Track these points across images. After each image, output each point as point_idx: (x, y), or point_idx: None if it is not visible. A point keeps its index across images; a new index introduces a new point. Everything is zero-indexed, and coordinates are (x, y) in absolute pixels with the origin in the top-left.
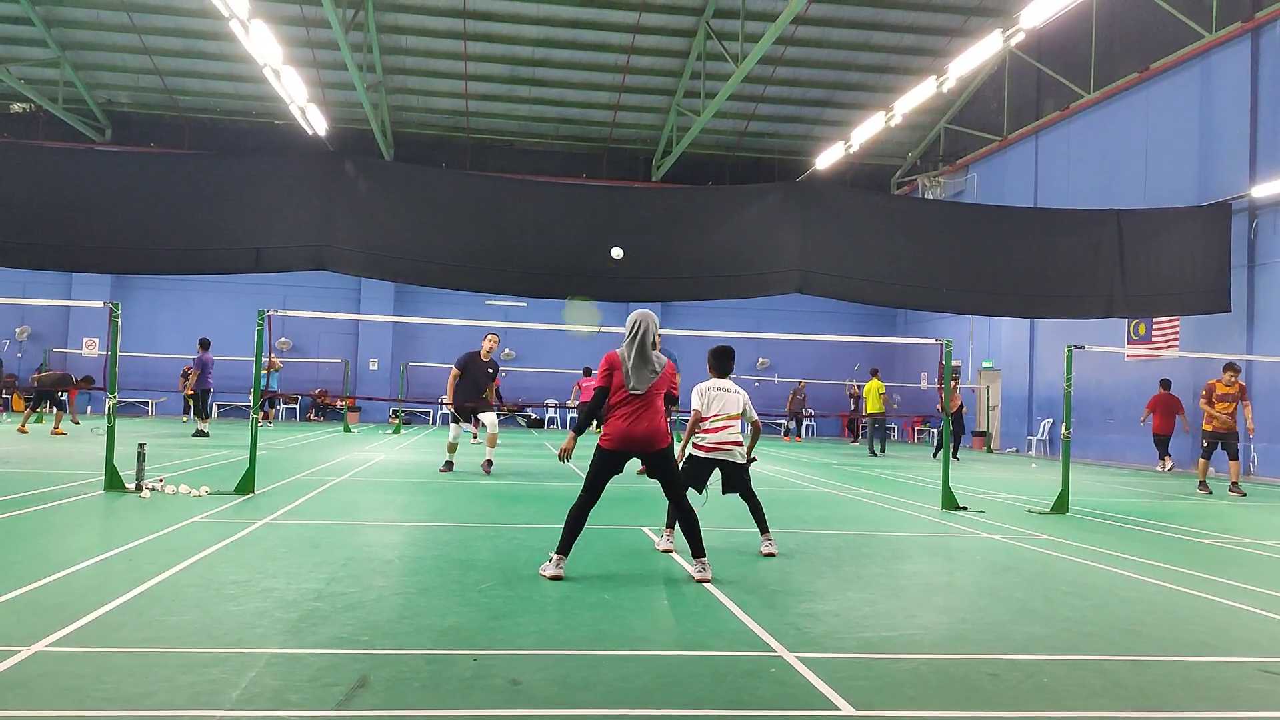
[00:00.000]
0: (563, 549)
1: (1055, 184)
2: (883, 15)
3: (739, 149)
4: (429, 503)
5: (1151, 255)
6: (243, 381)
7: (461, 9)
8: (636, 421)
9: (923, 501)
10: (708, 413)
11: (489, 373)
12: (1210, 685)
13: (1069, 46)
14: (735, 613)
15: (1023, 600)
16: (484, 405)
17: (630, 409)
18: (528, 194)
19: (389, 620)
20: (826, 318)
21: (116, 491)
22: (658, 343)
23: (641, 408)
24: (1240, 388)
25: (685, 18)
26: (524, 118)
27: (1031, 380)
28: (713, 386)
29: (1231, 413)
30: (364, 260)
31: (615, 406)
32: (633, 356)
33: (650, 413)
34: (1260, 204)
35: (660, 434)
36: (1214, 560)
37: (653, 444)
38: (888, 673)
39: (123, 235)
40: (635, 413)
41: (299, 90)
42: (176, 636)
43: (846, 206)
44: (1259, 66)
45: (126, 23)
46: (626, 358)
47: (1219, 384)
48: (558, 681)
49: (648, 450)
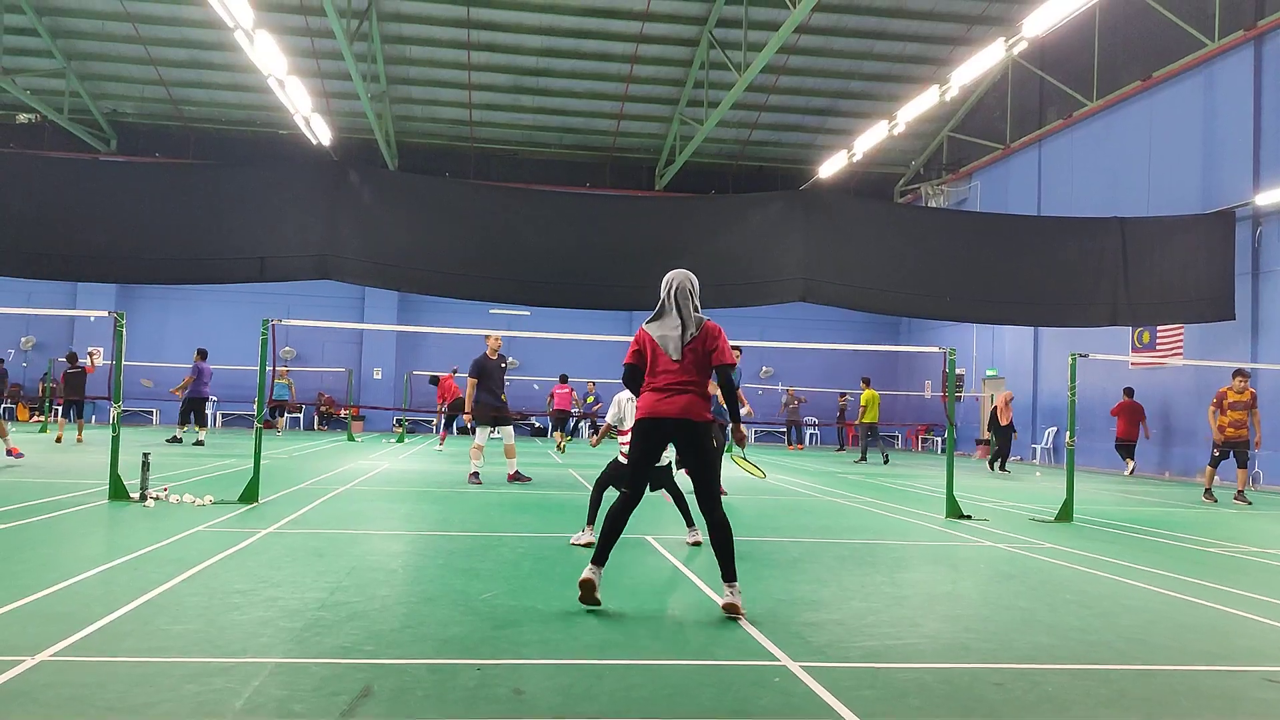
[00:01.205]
0: (598, 559)
1: (1058, 192)
2: (886, 24)
3: (742, 158)
4: (432, 512)
5: (1155, 263)
6: (248, 391)
7: (465, 19)
8: (666, 395)
9: (927, 510)
10: (629, 424)
11: (502, 369)
12: (1216, 694)
13: (1072, 55)
14: (740, 622)
15: (1027, 609)
16: (504, 416)
17: (662, 379)
18: (531, 203)
19: (393, 629)
20: (830, 326)
21: (121, 501)
22: (694, 300)
23: (675, 378)
24: (1251, 395)
25: (688, 27)
26: (527, 127)
27: (1035, 388)
28: (632, 398)
29: (1242, 422)
30: (368, 269)
31: (650, 379)
32: (661, 317)
33: (685, 384)
34: (1264, 212)
35: (695, 409)
36: (1220, 569)
37: (684, 420)
38: (892, 682)
39: (127, 245)
40: (667, 384)
41: (303, 100)
42: (181, 646)
43: (849, 215)
44: (1262, 74)
45: (132, 34)
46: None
47: (1230, 391)
48: (561, 691)
49: (680, 429)
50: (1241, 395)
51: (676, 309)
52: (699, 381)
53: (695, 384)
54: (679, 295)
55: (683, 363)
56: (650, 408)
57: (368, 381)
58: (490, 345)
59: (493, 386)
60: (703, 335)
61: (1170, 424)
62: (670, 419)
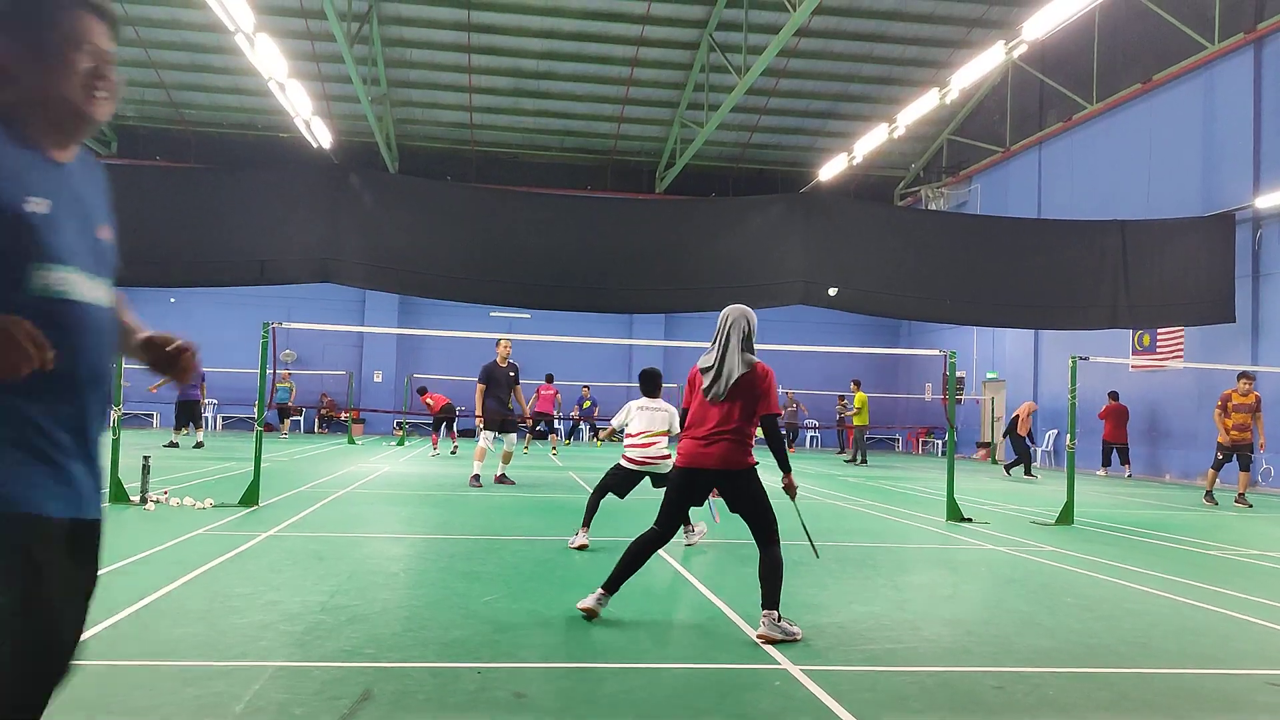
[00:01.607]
0: (611, 586)
1: (1058, 195)
2: (885, 27)
3: (742, 161)
4: (433, 515)
5: (1155, 266)
6: (248, 394)
7: (466, 22)
8: (705, 439)
9: (927, 513)
10: (634, 429)
11: (511, 376)
12: (1217, 698)
13: (1072, 58)
14: (739, 625)
15: (1028, 612)
16: (510, 423)
17: (700, 421)
18: (532, 206)
19: (393, 633)
20: (830, 329)
21: (121, 504)
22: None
23: (713, 421)
24: (1256, 398)
25: (688, 30)
26: (528, 130)
27: (1036, 391)
28: (644, 406)
29: (1246, 424)
30: (369, 272)
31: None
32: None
33: (723, 428)
34: (1264, 215)
35: (733, 456)
36: (1221, 572)
37: (725, 467)
38: (892, 685)
39: (128, 248)
40: (705, 428)
41: (304, 104)
42: (181, 649)
43: (850, 217)
44: (1262, 77)
45: (132, 37)
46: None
47: (1234, 394)
48: (562, 694)
49: (721, 476)
50: (1246, 398)
51: (727, 349)
52: (740, 423)
53: (736, 427)
54: (730, 334)
55: (723, 405)
56: (688, 452)
57: (368, 385)
58: (500, 353)
59: (500, 394)
60: (750, 379)
61: (1170, 427)
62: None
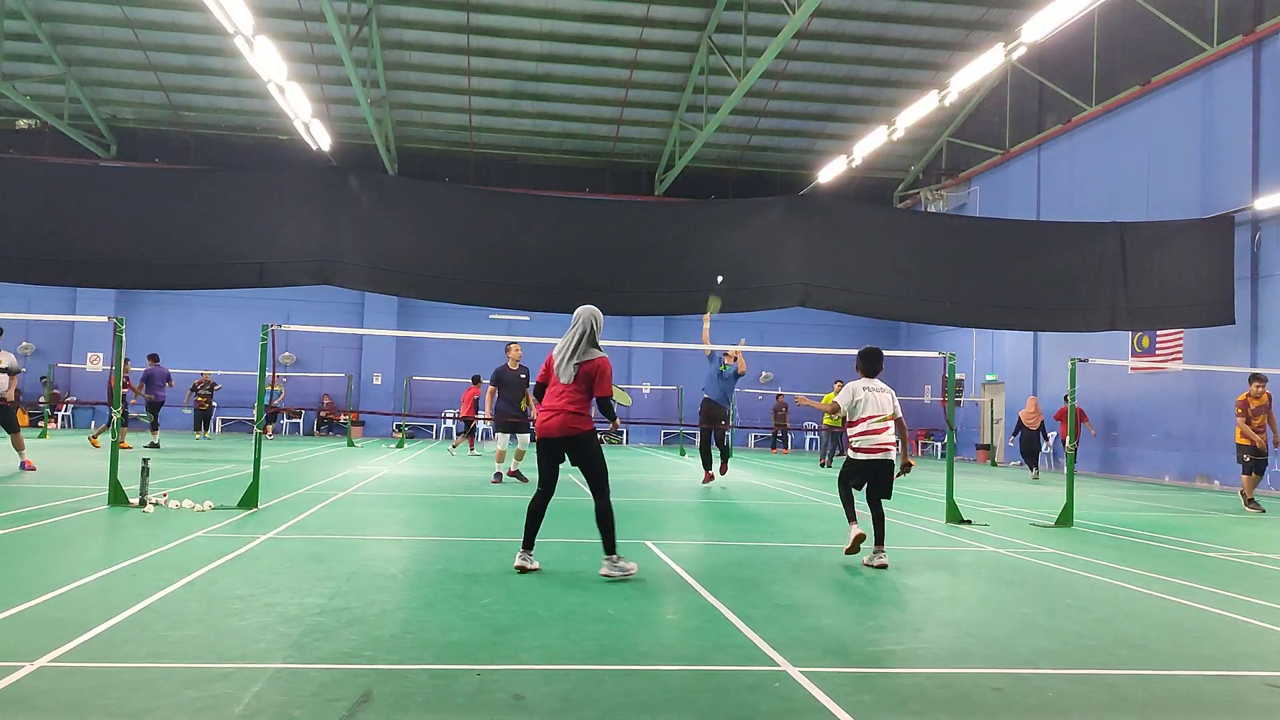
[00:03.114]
0: (528, 544)
1: (1057, 197)
2: (885, 29)
3: (741, 163)
4: (432, 517)
5: (1155, 268)
6: (247, 396)
7: (465, 25)
8: (554, 411)
9: (927, 515)
10: (860, 414)
11: (521, 379)
12: (1216, 700)
13: (1071, 60)
14: (739, 627)
15: (1027, 614)
16: (522, 424)
17: (553, 396)
18: (531, 208)
19: (392, 635)
20: (829, 331)
21: (120, 506)
22: (596, 337)
23: (562, 398)
24: (1268, 398)
25: (688, 33)
26: (527, 132)
27: (1035, 393)
28: (867, 386)
29: (1262, 426)
30: (368, 275)
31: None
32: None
33: (567, 402)
34: (1263, 216)
35: (573, 424)
36: (1220, 574)
37: (565, 434)
38: (892, 687)
39: (127, 250)
40: (554, 403)
41: (303, 106)
42: (180, 651)
43: (849, 220)
44: (1260, 79)
45: (131, 39)
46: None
47: (1250, 397)
48: (561, 697)
49: (566, 441)
50: (1260, 399)
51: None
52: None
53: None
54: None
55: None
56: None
57: (367, 387)
58: (511, 356)
59: (511, 396)
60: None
61: (1170, 429)
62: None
